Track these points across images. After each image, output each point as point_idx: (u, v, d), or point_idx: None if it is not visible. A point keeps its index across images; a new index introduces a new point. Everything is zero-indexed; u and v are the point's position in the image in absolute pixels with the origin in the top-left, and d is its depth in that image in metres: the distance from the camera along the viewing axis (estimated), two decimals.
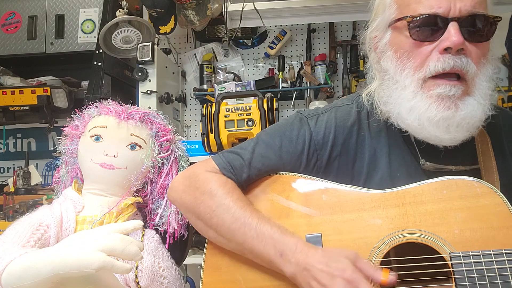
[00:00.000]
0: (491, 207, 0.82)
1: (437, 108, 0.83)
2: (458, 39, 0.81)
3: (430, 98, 0.84)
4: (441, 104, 0.83)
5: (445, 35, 0.82)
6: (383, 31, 0.93)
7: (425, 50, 0.85)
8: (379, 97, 0.94)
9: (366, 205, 0.88)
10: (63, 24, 2.49)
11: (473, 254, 0.79)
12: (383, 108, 0.93)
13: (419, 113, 0.85)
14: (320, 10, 2.18)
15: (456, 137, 0.86)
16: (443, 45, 0.82)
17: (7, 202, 2.22)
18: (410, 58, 0.87)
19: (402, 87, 0.88)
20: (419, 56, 0.86)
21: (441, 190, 0.85)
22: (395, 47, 0.90)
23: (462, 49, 0.82)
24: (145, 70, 2.06)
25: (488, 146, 0.93)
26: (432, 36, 0.84)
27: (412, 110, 0.86)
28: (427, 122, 0.85)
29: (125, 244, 0.77)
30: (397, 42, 0.89)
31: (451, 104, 0.83)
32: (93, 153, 1.08)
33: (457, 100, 0.83)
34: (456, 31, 0.81)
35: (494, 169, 0.90)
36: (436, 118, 0.83)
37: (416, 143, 0.93)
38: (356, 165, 0.95)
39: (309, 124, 0.98)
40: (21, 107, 2.31)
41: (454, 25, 0.82)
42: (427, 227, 0.83)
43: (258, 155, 0.97)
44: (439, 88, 0.84)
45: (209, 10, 2.15)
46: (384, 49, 0.92)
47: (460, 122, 0.83)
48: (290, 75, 2.38)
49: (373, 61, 0.97)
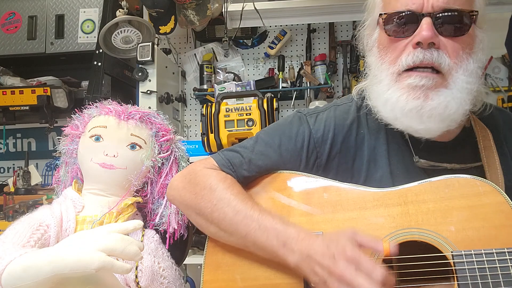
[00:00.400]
0: (494, 206, 0.82)
1: (407, 98, 0.85)
2: (427, 34, 0.83)
3: (402, 89, 0.86)
4: (411, 94, 0.85)
5: (418, 30, 0.85)
6: (373, 29, 0.95)
7: (400, 45, 0.87)
8: (368, 93, 0.96)
9: (368, 204, 0.88)
10: (63, 24, 2.49)
11: (475, 253, 0.79)
12: (370, 104, 0.94)
13: (392, 104, 0.87)
14: (320, 10, 2.18)
15: (430, 127, 0.87)
16: (414, 40, 0.85)
17: (7, 202, 2.22)
18: (387, 53, 0.90)
19: (379, 81, 0.90)
20: (394, 51, 0.88)
21: (443, 189, 0.85)
22: (377, 44, 0.93)
23: (433, 43, 0.84)
24: (145, 70, 2.06)
25: (490, 142, 0.93)
26: (407, 32, 0.87)
27: (386, 102, 0.88)
28: (399, 113, 0.87)
29: (125, 244, 0.77)
30: (379, 39, 0.93)
31: (420, 94, 0.84)
32: (93, 153, 1.08)
33: (428, 91, 0.85)
34: (428, 25, 0.83)
35: (497, 165, 0.90)
36: (407, 108, 0.85)
37: (411, 140, 0.94)
38: (356, 163, 0.95)
39: (308, 122, 0.98)
40: (21, 107, 2.31)
41: (426, 20, 0.84)
42: (429, 225, 0.83)
43: (258, 153, 0.97)
44: (410, 78, 0.85)
45: (209, 10, 2.15)
46: (371, 45, 0.95)
47: (431, 112, 0.84)
48: (290, 75, 2.37)
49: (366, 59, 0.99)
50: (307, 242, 0.82)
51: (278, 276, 0.88)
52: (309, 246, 0.81)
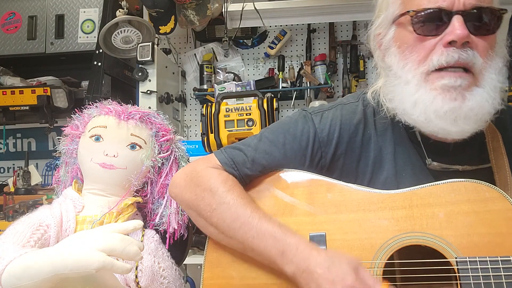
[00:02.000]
0: (500, 213, 0.80)
1: (443, 99, 0.81)
2: (462, 32, 0.79)
3: (435, 90, 0.82)
4: (447, 95, 0.81)
5: (449, 28, 0.81)
6: (387, 27, 0.92)
7: (429, 44, 0.83)
8: (384, 95, 0.92)
9: (372, 205, 0.87)
10: (63, 24, 2.49)
11: (480, 259, 0.78)
12: (389, 106, 0.91)
13: (425, 106, 0.83)
14: (320, 10, 2.18)
15: (464, 129, 0.83)
16: (447, 39, 0.81)
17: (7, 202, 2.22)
18: (413, 53, 0.85)
19: (404, 82, 0.86)
20: (422, 50, 0.84)
21: (449, 193, 0.84)
22: (398, 43, 0.88)
23: (467, 42, 0.80)
24: (145, 70, 2.05)
25: (499, 143, 0.90)
26: (436, 30, 0.83)
27: (417, 104, 0.84)
28: (433, 115, 0.82)
29: (125, 244, 0.77)
30: (401, 38, 0.88)
31: (457, 95, 0.81)
32: (93, 153, 1.08)
33: (464, 91, 0.81)
34: (461, 24, 0.80)
35: (506, 167, 0.88)
36: (443, 110, 0.81)
37: (423, 142, 0.91)
38: (361, 164, 0.94)
39: (313, 121, 0.96)
40: (21, 107, 2.31)
41: (459, 18, 0.80)
42: (433, 230, 0.82)
43: (261, 151, 0.95)
44: (443, 79, 0.81)
45: (209, 10, 2.15)
46: (388, 45, 0.91)
47: (467, 114, 0.81)
48: (290, 75, 2.37)
49: (378, 59, 0.96)
50: (307, 255, 0.80)
51: (278, 275, 0.87)
52: (308, 261, 0.80)
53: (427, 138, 0.90)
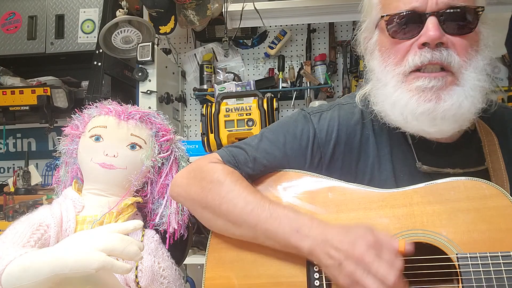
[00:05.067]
0: (500, 209, 0.81)
1: (418, 100, 0.82)
2: (434, 34, 0.80)
3: (411, 91, 0.83)
4: (422, 97, 0.82)
5: (423, 30, 0.82)
6: (372, 31, 0.93)
7: (405, 46, 0.85)
8: (372, 98, 0.93)
9: (372, 204, 0.88)
10: (63, 24, 2.49)
11: (480, 255, 0.78)
12: (376, 109, 0.92)
13: (401, 107, 0.85)
14: (320, 10, 2.18)
15: (443, 129, 0.85)
16: (421, 41, 0.82)
17: (7, 202, 2.22)
18: (390, 55, 0.87)
19: (384, 83, 0.88)
20: (399, 52, 0.86)
21: (449, 191, 0.84)
22: (379, 46, 0.90)
23: (441, 43, 0.81)
24: (145, 70, 2.05)
25: (496, 147, 0.91)
26: (411, 33, 0.84)
27: (394, 105, 0.86)
28: (410, 116, 0.84)
29: (125, 244, 0.77)
30: (380, 41, 0.90)
31: (432, 96, 0.82)
32: (93, 153, 1.08)
33: (440, 91, 0.82)
34: (434, 25, 0.81)
35: (503, 169, 0.89)
36: (418, 111, 0.82)
37: (417, 144, 0.92)
38: (360, 164, 0.94)
39: (312, 121, 0.97)
40: (21, 107, 2.31)
41: (432, 20, 0.81)
42: (434, 227, 0.83)
43: (262, 151, 0.96)
44: (418, 81, 0.83)
45: (209, 10, 2.15)
46: (372, 49, 0.93)
47: (444, 114, 0.82)
48: (290, 75, 2.37)
49: (366, 62, 0.97)
50: (322, 228, 0.82)
51: (281, 274, 0.88)
52: (325, 231, 0.81)
53: (421, 141, 0.91)
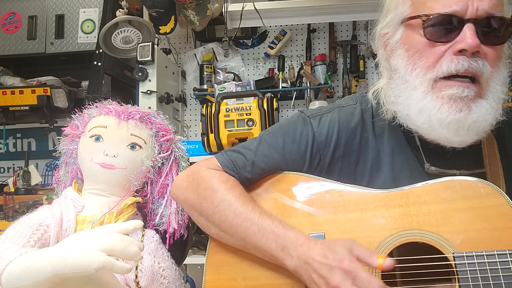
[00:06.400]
0: (496, 208, 0.81)
1: (449, 109, 0.81)
2: (474, 42, 0.78)
3: (442, 99, 0.82)
4: (453, 106, 0.81)
5: (461, 36, 0.80)
6: (395, 28, 0.90)
7: (439, 50, 0.82)
8: (386, 96, 0.92)
9: (369, 205, 0.88)
10: (63, 24, 2.49)
11: (476, 254, 0.79)
12: (390, 108, 0.91)
13: (430, 114, 0.83)
14: (320, 10, 2.18)
15: (465, 140, 0.84)
16: (458, 47, 0.80)
17: (7, 202, 2.22)
18: (422, 58, 0.84)
19: (412, 87, 0.85)
20: (432, 55, 0.83)
21: (445, 191, 0.85)
22: (407, 46, 0.87)
23: (477, 51, 0.80)
24: (145, 70, 2.05)
25: (495, 150, 0.91)
26: (447, 37, 0.81)
27: (422, 111, 0.84)
28: (437, 123, 0.82)
29: (125, 244, 0.77)
30: (409, 41, 0.87)
31: (463, 106, 0.81)
32: (93, 153, 1.08)
33: (470, 102, 0.81)
34: (472, 33, 0.79)
35: (500, 173, 0.89)
36: (448, 120, 0.81)
37: (422, 145, 0.91)
38: (359, 166, 0.95)
39: (312, 124, 0.97)
40: (21, 107, 2.31)
41: (470, 27, 0.79)
42: (430, 227, 0.83)
43: (261, 154, 0.96)
44: (451, 89, 0.81)
45: (209, 10, 2.15)
46: (395, 46, 0.90)
47: (471, 125, 0.81)
48: (290, 75, 2.37)
49: (382, 58, 0.94)
50: (306, 247, 0.82)
51: (279, 276, 0.88)
52: (308, 252, 0.81)
53: (426, 143, 0.90)
